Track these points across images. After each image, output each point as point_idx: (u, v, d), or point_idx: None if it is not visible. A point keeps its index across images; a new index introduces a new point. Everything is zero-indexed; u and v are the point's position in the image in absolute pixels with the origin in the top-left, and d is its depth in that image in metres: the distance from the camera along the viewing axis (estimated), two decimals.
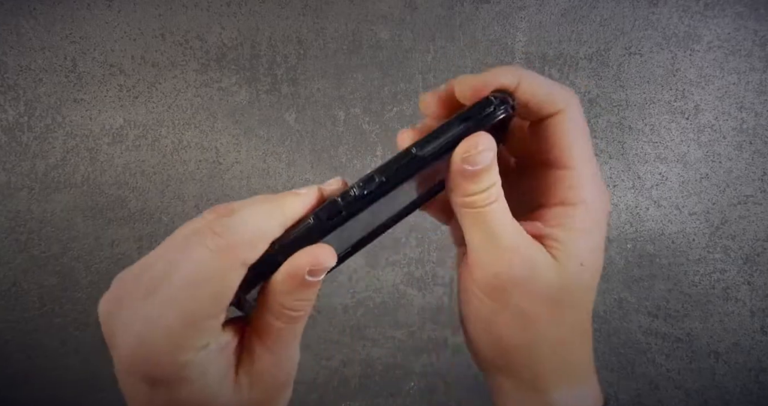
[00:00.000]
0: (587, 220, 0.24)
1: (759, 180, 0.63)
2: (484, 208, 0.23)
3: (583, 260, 0.24)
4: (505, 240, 0.23)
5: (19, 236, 0.66)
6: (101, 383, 0.68)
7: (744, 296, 0.64)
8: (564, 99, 0.25)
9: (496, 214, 0.23)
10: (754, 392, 0.65)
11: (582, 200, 0.24)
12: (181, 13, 0.63)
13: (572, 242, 0.24)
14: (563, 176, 0.24)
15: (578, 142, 0.24)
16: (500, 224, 0.23)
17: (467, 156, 0.23)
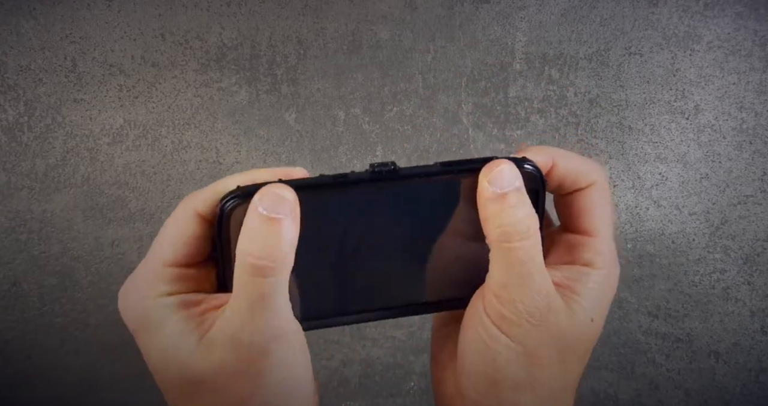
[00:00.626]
0: (605, 284, 0.25)
1: (759, 180, 0.63)
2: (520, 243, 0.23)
3: (594, 316, 0.25)
4: (533, 281, 0.23)
5: (19, 236, 0.66)
6: (101, 383, 0.68)
7: (744, 296, 0.64)
8: (594, 173, 0.26)
9: (531, 252, 0.23)
10: (754, 392, 0.65)
11: (604, 266, 0.25)
12: (181, 13, 0.63)
13: (589, 299, 0.24)
14: (590, 242, 0.26)
15: (604, 214, 0.26)
16: (532, 263, 0.23)
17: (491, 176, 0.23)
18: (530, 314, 0.23)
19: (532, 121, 0.63)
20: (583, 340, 0.25)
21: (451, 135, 0.64)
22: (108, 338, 0.67)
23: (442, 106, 0.64)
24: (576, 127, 0.63)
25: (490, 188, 0.23)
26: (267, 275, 0.21)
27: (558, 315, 0.23)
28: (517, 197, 0.23)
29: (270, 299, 0.22)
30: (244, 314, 0.22)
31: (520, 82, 0.63)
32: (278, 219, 0.21)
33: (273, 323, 0.22)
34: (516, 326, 0.23)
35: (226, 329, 0.22)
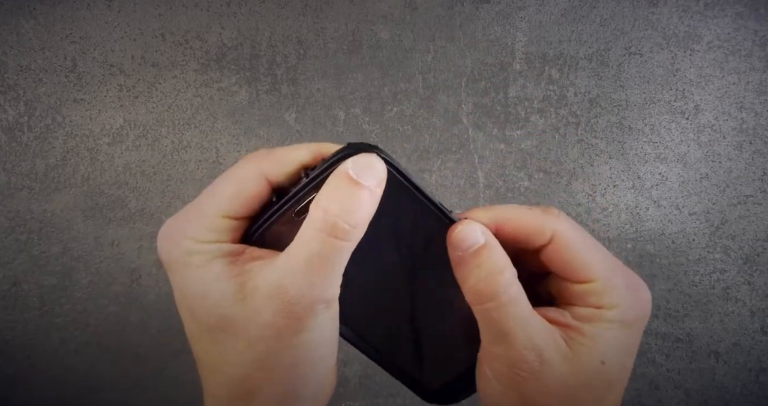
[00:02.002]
0: (618, 320, 0.23)
1: (759, 180, 0.63)
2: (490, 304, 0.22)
3: (606, 358, 0.23)
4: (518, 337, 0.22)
5: (19, 236, 0.66)
6: (101, 383, 0.68)
7: (744, 296, 0.64)
8: (548, 224, 0.24)
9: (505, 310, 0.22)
10: (754, 392, 0.65)
11: (616, 304, 0.23)
12: (181, 13, 0.63)
13: (596, 339, 0.23)
14: (590, 288, 0.24)
15: (588, 256, 0.24)
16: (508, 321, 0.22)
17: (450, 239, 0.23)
18: (519, 369, 0.22)
19: (532, 121, 0.63)
20: (596, 385, 0.23)
21: (451, 135, 0.64)
22: (108, 338, 0.67)
23: (442, 106, 0.63)
24: (576, 127, 0.63)
25: (454, 252, 0.23)
26: (339, 237, 0.21)
27: (553, 364, 0.22)
28: (481, 256, 0.22)
29: (332, 261, 0.21)
30: (301, 267, 0.21)
31: (520, 82, 0.63)
32: (365, 186, 0.21)
33: (326, 286, 0.22)
34: (512, 380, 0.23)
35: (272, 279, 0.21)
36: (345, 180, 0.21)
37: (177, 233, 0.23)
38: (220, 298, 0.22)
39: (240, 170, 0.23)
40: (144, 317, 0.67)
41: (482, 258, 0.23)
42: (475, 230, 0.23)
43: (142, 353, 0.67)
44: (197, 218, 0.23)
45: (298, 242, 0.21)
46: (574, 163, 0.64)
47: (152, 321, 0.67)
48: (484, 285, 0.22)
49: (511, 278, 0.23)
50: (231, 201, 0.23)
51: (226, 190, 0.23)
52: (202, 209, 0.23)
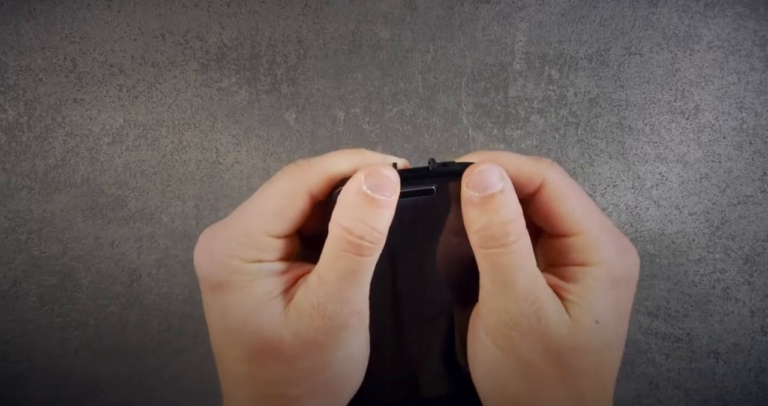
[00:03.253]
0: (606, 278, 0.23)
1: (759, 180, 0.63)
2: (498, 250, 0.22)
3: (599, 317, 0.22)
4: (520, 287, 0.22)
5: (19, 235, 0.66)
6: (101, 383, 0.68)
7: (744, 296, 0.64)
8: (539, 171, 0.23)
9: (511, 258, 0.22)
10: (754, 392, 0.65)
11: (601, 260, 0.23)
12: (181, 13, 0.63)
13: (588, 299, 0.22)
14: (575, 242, 0.23)
15: (575, 207, 0.23)
16: (518, 268, 0.22)
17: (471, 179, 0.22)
18: (516, 323, 0.22)
19: (532, 121, 0.63)
20: (589, 348, 0.22)
21: (451, 135, 0.64)
22: (108, 338, 0.67)
23: (442, 106, 0.63)
24: (576, 127, 0.63)
25: (469, 192, 0.22)
26: (364, 254, 0.22)
27: (549, 322, 0.22)
28: (498, 201, 0.22)
29: (359, 275, 0.22)
30: (333, 284, 0.22)
31: (520, 82, 0.63)
32: (380, 200, 0.22)
33: (357, 299, 0.22)
34: (506, 338, 0.22)
35: (311, 297, 0.22)
36: (361, 198, 0.22)
37: (221, 251, 0.22)
38: (262, 321, 0.22)
39: (284, 185, 0.23)
40: (144, 317, 0.67)
41: (499, 203, 0.22)
42: (496, 173, 0.22)
43: (142, 353, 0.67)
44: (241, 234, 0.22)
45: (327, 260, 0.22)
46: (574, 163, 0.64)
47: (152, 321, 0.67)
48: (497, 229, 0.22)
49: (523, 228, 0.22)
50: (277, 219, 0.23)
51: (272, 206, 0.23)
52: (247, 226, 0.23)
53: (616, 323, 0.23)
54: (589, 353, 0.22)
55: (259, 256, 0.23)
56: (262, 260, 0.23)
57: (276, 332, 0.22)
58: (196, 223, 0.65)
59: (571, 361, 0.22)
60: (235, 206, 0.25)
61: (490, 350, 0.23)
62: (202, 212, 0.65)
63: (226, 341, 0.23)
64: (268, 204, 0.23)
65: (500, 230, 0.22)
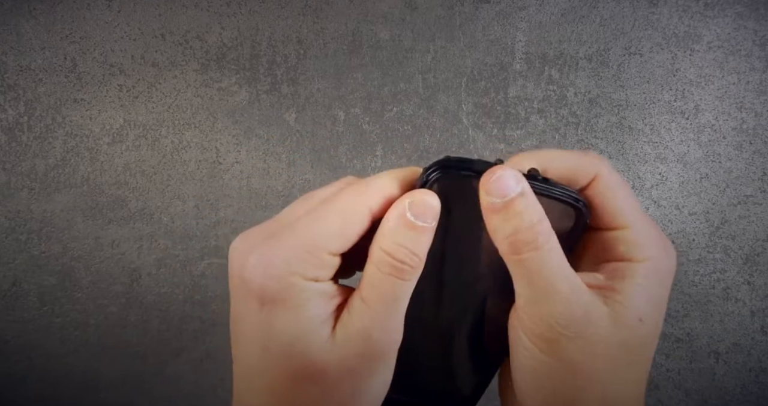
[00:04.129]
0: (651, 275, 0.23)
1: (759, 180, 0.63)
2: (531, 253, 0.21)
3: (643, 315, 0.22)
4: (558, 291, 0.21)
5: (19, 236, 0.66)
6: (101, 383, 0.68)
7: (744, 296, 0.64)
8: (592, 166, 0.24)
9: (547, 260, 0.21)
10: (754, 392, 0.65)
11: (648, 257, 0.23)
12: (181, 13, 0.63)
13: (633, 296, 0.22)
14: (622, 235, 0.24)
15: (625, 202, 0.24)
16: (552, 272, 0.21)
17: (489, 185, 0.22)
18: (564, 327, 0.21)
19: (532, 121, 0.63)
20: (634, 344, 0.22)
21: (451, 135, 0.64)
22: (108, 338, 0.67)
23: (442, 106, 0.64)
24: (576, 127, 0.63)
25: (489, 199, 0.22)
26: (405, 279, 0.22)
27: (598, 322, 0.22)
28: (520, 204, 0.21)
29: (401, 301, 0.22)
30: (380, 311, 0.22)
31: (520, 82, 0.63)
32: (424, 227, 0.22)
33: (398, 325, 0.22)
34: (553, 343, 0.22)
35: (356, 322, 0.22)
36: (404, 223, 0.22)
37: (280, 265, 0.21)
38: (311, 343, 0.22)
39: (347, 203, 0.22)
40: (144, 317, 0.67)
41: (521, 207, 0.21)
42: (513, 177, 0.22)
43: (142, 352, 0.68)
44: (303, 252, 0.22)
45: (369, 286, 0.22)
46: None
47: (152, 321, 0.67)
48: (525, 234, 0.21)
49: (549, 228, 0.22)
50: (338, 238, 0.22)
51: (335, 224, 0.22)
52: (308, 242, 0.22)
53: (658, 317, 0.23)
54: (632, 348, 0.22)
55: (317, 274, 0.22)
56: (319, 279, 0.22)
57: (323, 356, 0.22)
58: (196, 223, 0.65)
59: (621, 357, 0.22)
60: (235, 205, 0.24)
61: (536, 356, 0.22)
62: (202, 212, 0.65)
63: (268, 359, 0.22)
64: (330, 221, 0.22)
65: (529, 233, 0.21)
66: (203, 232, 0.65)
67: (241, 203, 0.65)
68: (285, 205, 0.66)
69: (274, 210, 0.64)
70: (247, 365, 0.23)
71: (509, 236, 0.22)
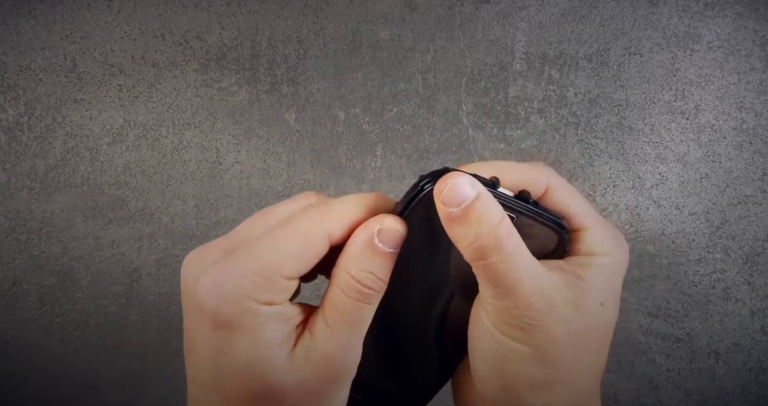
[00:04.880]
0: (609, 266, 0.24)
1: (759, 180, 0.63)
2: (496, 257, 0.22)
3: (604, 300, 0.24)
4: (527, 286, 0.22)
5: (19, 235, 0.66)
6: (101, 383, 0.68)
7: (744, 296, 0.64)
8: (544, 177, 0.25)
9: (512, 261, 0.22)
10: (754, 392, 0.65)
11: (607, 252, 0.25)
12: (181, 13, 0.63)
13: (594, 282, 0.23)
14: (583, 236, 0.25)
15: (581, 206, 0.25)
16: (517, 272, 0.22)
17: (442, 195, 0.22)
18: (529, 317, 0.22)
19: (532, 121, 0.63)
20: (596, 328, 0.24)
21: (451, 135, 0.64)
22: (108, 338, 0.67)
23: (442, 106, 0.64)
24: (576, 127, 0.63)
25: (446, 209, 0.22)
26: (369, 302, 0.22)
27: (562, 309, 0.23)
28: (478, 209, 0.22)
29: (365, 324, 0.23)
30: (344, 334, 0.22)
31: (520, 82, 0.63)
32: (390, 253, 0.22)
33: (360, 345, 0.23)
34: (520, 330, 0.22)
35: (319, 346, 0.22)
36: (371, 249, 0.22)
37: (233, 289, 0.21)
38: (269, 367, 0.22)
39: (305, 227, 0.22)
40: (144, 317, 0.67)
41: (479, 211, 0.22)
42: (465, 183, 0.22)
43: (142, 352, 0.67)
44: (257, 276, 0.21)
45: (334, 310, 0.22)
46: (574, 164, 0.64)
47: (152, 321, 0.67)
48: (486, 240, 0.21)
49: (509, 226, 0.22)
50: (294, 261, 0.22)
51: (291, 248, 0.22)
52: (262, 266, 0.22)
53: (614, 305, 0.24)
54: (595, 332, 0.24)
55: (272, 298, 0.22)
56: (274, 302, 0.22)
57: (281, 379, 0.22)
58: (196, 223, 0.65)
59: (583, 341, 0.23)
60: (235, 205, 0.24)
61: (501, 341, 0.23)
62: (202, 212, 0.65)
63: (222, 380, 0.22)
64: (286, 245, 0.22)
65: (491, 238, 0.21)
66: (203, 232, 0.65)
67: (241, 203, 0.65)
68: None
69: None
70: (202, 384, 0.23)
71: (471, 243, 0.22)
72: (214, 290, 0.21)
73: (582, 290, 0.23)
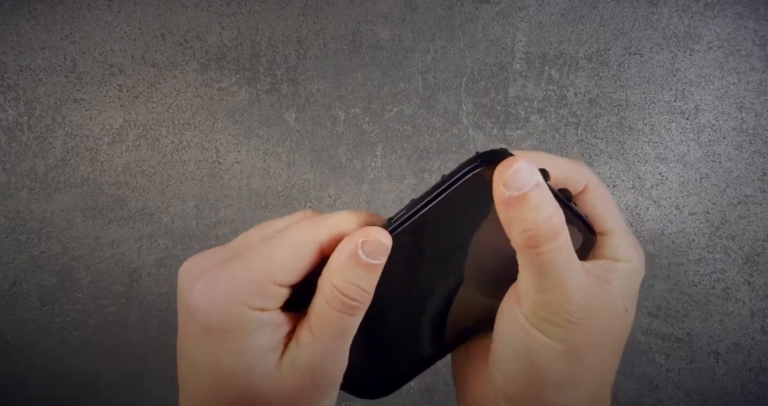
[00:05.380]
0: (632, 273, 0.25)
1: (759, 180, 0.63)
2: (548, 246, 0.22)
3: (628, 306, 0.24)
4: (572, 283, 0.22)
5: (19, 235, 0.66)
6: (101, 383, 0.68)
7: (744, 296, 0.64)
8: (584, 176, 0.25)
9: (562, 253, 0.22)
10: (754, 392, 0.65)
11: (629, 258, 0.25)
12: (181, 13, 0.63)
13: (620, 287, 0.24)
14: (608, 241, 0.25)
15: (612, 211, 0.25)
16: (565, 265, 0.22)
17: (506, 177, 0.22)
18: (570, 313, 0.22)
19: (532, 121, 0.63)
20: (620, 332, 0.24)
21: (451, 135, 0.64)
22: (108, 338, 0.67)
23: (442, 106, 0.64)
24: (576, 127, 0.63)
25: (507, 192, 0.22)
26: (354, 314, 0.23)
27: (597, 310, 0.23)
28: (538, 196, 0.21)
29: (350, 334, 0.23)
30: (328, 344, 0.22)
31: (520, 82, 0.63)
32: (375, 265, 0.22)
33: (344, 356, 0.23)
34: (557, 327, 0.23)
35: (304, 355, 0.22)
36: (356, 261, 0.22)
37: (227, 296, 0.22)
38: (255, 375, 0.22)
39: (298, 236, 0.23)
40: (144, 317, 0.67)
41: (538, 199, 0.21)
42: (528, 169, 0.22)
43: (142, 352, 0.68)
44: (251, 283, 0.22)
45: (319, 319, 0.22)
46: None
47: (152, 321, 0.67)
48: (545, 227, 0.21)
49: (563, 220, 0.22)
50: (286, 269, 0.22)
51: (284, 256, 0.22)
52: (256, 273, 0.22)
53: (634, 312, 0.25)
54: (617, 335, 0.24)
55: (264, 304, 0.22)
56: (266, 308, 0.22)
57: (266, 387, 0.22)
58: (196, 223, 0.65)
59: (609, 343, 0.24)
60: (235, 205, 0.25)
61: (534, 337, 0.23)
62: (202, 212, 0.65)
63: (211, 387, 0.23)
64: (279, 252, 0.23)
65: (548, 227, 0.22)
66: (203, 232, 0.65)
67: (241, 203, 0.65)
68: (285, 205, 0.66)
69: (274, 210, 0.64)
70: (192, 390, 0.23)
71: (527, 229, 0.22)
72: (208, 295, 0.22)
73: (610, 294, 0.24)
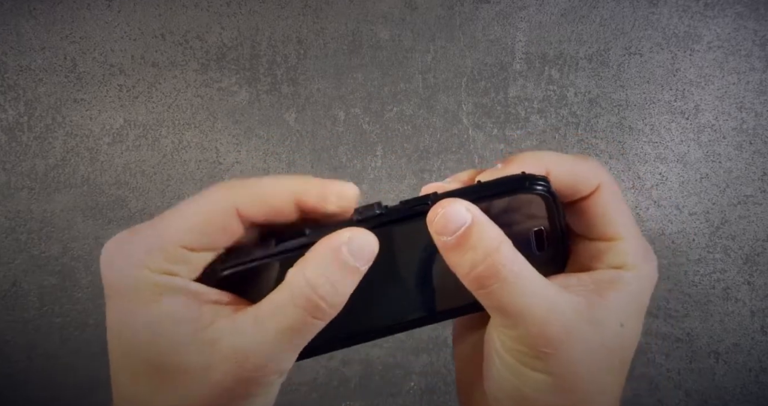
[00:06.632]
0: (636, 284, 0.23)
1: (759, 180, 0.63)
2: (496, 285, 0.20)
3: (624, 320, 0.22)
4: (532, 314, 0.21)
5: (19, 235, 0.66)
6: (101, 383, 0.68)
7: (744, 296, 0.64)
8: (595, 175, 0.23)
9: (515, 287, 0.20)
10: (753, 392, 0.65)
11: (636, 266, 0.23)
12: (181, 13, 0.63)
13: (617, 301, 0.22)
14: (615, 246, 0.23)
15: (623, 214, 0.23)
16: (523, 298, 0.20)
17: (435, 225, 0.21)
18: (544, 345, 0.21)
19: (532, 121, 0.63)
20: (615, 349, 0.22)
21: (451, 135, 0.64)
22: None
23: (442, 106, 0.64)
24: (576, 127, 0.63)
25: (440, 238, 0.21)
26: (318, 317, 0.20)
27: (579, 334, 0.21)
28: (473, 236, 0.20)
29: (304, 338, 0.21)
30: (270, 338, 0.20)
31: (520, 82, 0.63)
32: (356, 268, 0.21)
33: (289, 359, 0.21)
34: (536, 359, 0.21)
35: (236, 342, 0.20)
36: (337, 260, 0.20)
37: (125, 257, 0.21)
38: (172, 340, 0.20)
39: (208, 198, 0.21)
40: None
41: (474, 238, 0.20)
42: (458, 210, 0.21)
43: None
44: (152, 243, 0.20)
45: (272, 310, 0.20)
46: None
47: None
48: (484, 268, 0.20)
49: (510, 251, 0.21)
50: (194, 231, 0.21)
51: (191, 217, 0.21)
52: (159, 233, 0.21)
53: (637, 327, 0.23)
54: (612, 352, 0.22)
55: (169, 268, 0.21)
56: (174, 273, 0.21)
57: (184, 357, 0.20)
58: None
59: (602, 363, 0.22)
60: None
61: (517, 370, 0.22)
62: None
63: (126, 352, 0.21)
64: (186, 216, 0.21)
65: (487, 265, 0.20)
66: None
67: None
68: None
69: None
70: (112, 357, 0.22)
71: (469, 272, 0.21)
72: (107, 260, 0.21)
73: (601, 308, 0.22)
